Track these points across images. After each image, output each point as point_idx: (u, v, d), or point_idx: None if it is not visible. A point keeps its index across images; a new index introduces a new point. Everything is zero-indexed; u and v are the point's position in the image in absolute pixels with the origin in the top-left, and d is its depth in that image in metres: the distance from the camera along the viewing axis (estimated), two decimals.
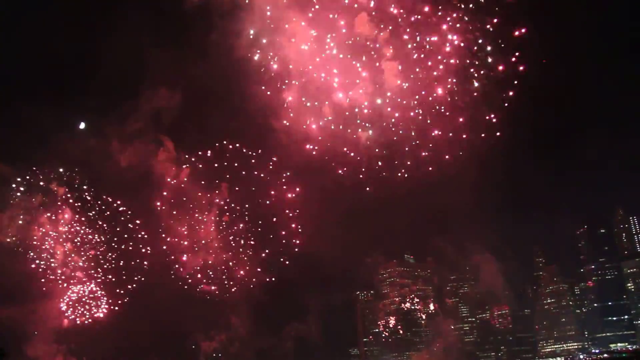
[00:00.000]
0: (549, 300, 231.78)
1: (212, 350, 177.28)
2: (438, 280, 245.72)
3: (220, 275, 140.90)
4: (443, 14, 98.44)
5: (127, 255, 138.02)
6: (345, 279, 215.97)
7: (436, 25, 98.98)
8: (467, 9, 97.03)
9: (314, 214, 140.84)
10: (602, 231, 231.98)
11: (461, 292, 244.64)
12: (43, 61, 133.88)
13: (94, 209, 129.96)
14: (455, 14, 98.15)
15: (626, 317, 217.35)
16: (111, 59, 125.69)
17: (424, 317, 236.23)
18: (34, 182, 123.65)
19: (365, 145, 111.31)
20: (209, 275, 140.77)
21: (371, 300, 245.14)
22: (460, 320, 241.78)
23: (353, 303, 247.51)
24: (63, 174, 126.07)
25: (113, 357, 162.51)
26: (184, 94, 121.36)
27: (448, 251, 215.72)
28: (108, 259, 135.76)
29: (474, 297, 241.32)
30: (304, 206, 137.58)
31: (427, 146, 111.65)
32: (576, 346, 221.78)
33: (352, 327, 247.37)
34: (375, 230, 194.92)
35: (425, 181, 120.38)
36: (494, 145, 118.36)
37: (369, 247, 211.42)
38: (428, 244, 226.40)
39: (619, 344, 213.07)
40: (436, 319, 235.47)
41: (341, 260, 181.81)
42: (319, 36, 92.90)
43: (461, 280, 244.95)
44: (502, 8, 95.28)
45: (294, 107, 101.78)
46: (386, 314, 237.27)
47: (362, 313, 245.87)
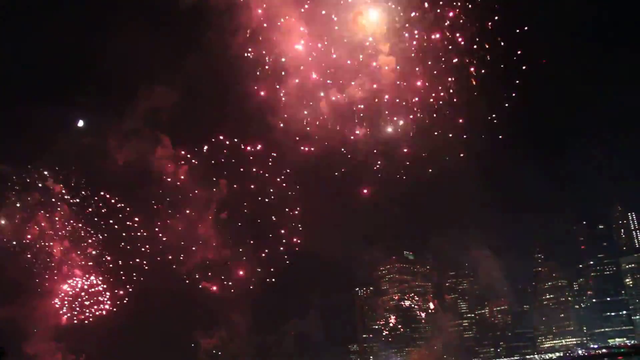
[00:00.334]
0: (547, 296, 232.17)
1: (212, 347, 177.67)
2: (437, 276, 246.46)
3: (219, 273, 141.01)
4: (441, 11, 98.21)
5: (125, 253, 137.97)
6: (345, 275, 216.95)
7: (435, 22, 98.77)
8: (466, 7, 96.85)
9: (313, 211, 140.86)
10: (601, 227, 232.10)
11: (460, 288, 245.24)
12: (40, 60, 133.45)
13: (91, 207, 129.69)
14: (453, 12, 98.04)
15: (624, 312, 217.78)
16: (108, 57, 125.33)
17: (423, 313, 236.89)
18: (30, 180, 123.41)
19: (363, 142, 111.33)
20: (208, 273, 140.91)
21: (371, 296, 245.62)
22: (460, 316, 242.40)
23: (352, 300, 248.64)
24: (60, 171, 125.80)
25: (112, 355, 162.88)
26: (180, 91, 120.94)
27: (447, 248, 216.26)
28: (106, 257, 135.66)
29: (473, 293, 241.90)
30: (303, 203, 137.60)
31: (426, 144, 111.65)
32: (575, 341, 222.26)
33: (352, 324, 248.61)
34: (374, 228, 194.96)
35: (424, 178, 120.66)
36: (493, 143, 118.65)
37: (368, 244, 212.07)
38: (427, 241, 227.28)
39: (617, 339, 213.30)
40: (435, 315, 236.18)
41: (341, 257, 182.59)
42: (314, 33, 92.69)
43: (460, 276, 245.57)
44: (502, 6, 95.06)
45: (290, 104, 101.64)
46: (385, 310, 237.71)
47: (362, 309, 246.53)
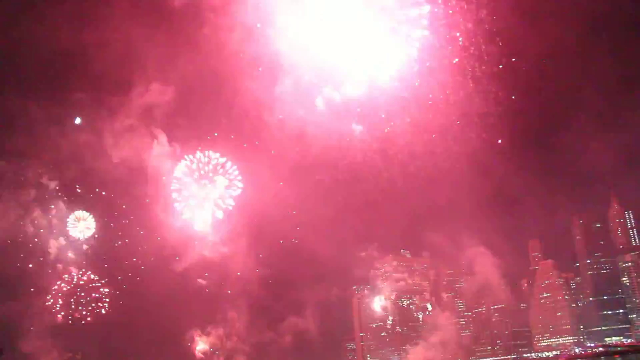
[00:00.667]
0: (544, 295, 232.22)
1: (209, 345, 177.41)
2: (434, 274, 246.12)
3: (216, 271, 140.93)
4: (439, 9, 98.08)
5: (121, 250, 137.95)
6: (342, 274, 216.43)
7: (432, 19, 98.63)
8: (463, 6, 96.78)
9: (309, 209, 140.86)
10: (598, 226, 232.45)
11: (457, 287, 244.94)
12: (35, 57, 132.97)
13: (86, 204, 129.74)
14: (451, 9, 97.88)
15: (621, 311, 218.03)
16: (103, 53, 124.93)
17: (420, 311, 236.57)
18: (26, 177, 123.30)
19: (360, 139, 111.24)
20: (205, 270, 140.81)
21: (368, 294, 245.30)
22: (457, 314, 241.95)
23: (350, 298, 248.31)
24: (56, 168, 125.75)
25: (108, 352, 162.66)
26: (176, 88, 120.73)
27: (444, 246, 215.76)
28: (102, 254, 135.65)
29: (471, 292, 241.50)
30: (299, 201, 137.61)
31: (422, 140, 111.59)
32: (572, 340, 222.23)
33: (349, 322, 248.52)
34: (371, 225, 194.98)
35: (420, 176, 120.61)
36: (489, 140, 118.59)
37: (365, 242, 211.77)
38: (424, 239, 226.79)
39: (614, 337, 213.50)
40: (432, 313, 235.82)
41: (337, 255, 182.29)
42: (311, 29, 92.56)
43: (457, 274, 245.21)
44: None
45: (287, 101, 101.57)
46: (383, 308, 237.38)
47: (359, 308, 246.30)
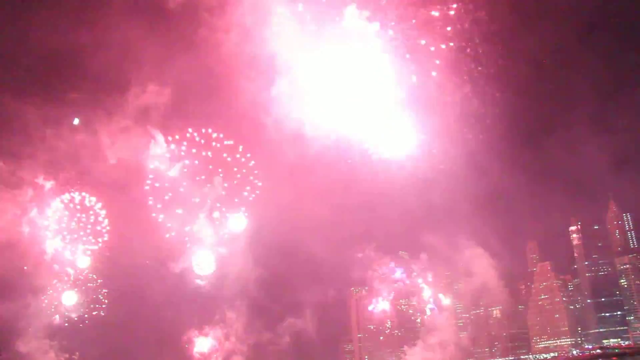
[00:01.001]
0: (542, 297, 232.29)
1: (207, 345, 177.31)
2: (432, 276, 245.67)
3: (214, 271, 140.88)
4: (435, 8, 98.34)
5: (118, 250, 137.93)
6: (340, 275, 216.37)
7: (428, 19, 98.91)
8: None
9: (307, 210, 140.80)
10: (596, 227, 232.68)
11: (455, 288, 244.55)
12: (32, 56, 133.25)
13: (83, 204, 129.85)
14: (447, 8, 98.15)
15: (619, 313, 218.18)
16: (99, 53, 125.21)
17: (418, 312, 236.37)
18: (22, 177, 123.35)
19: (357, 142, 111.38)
20: (203, 271, 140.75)
21: (365, 296, 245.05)
22: (455, 315, 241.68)
23: (347, 299, 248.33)
24: (52, 168, 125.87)
25: (105, 353, 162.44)
26: (173, 88, 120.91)
27: (442, 247, 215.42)
28: (99, 254, 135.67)
29: (468, 293, 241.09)
30: (296, 201, 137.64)
31: (419, 141, 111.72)
32: (569, 342, 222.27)
33: (347, 323, 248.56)
34: (369, 227, 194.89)
35: (418, 177, 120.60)
36: (486, 141, 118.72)
37: (363, 243, 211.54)
38: (422, 240, 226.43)
39: (612, 339, 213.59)
40: (430, 314, 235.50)
41: (335, 257, 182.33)
42: (308, 30, 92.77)
43: (455, 276, 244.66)
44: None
45: (283, 102, 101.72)
46: (380, 309, 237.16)
47: (357, 309, 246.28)
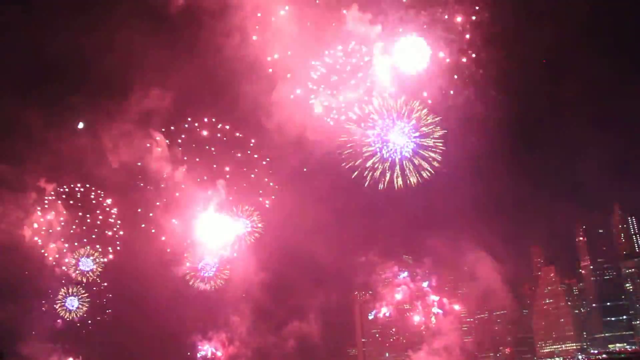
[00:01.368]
0: (547, 301, 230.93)
1: (211, 349, 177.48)
2: (436, 280, 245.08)
3: (217, 274, 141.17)
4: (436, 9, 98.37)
5: (121, 254, 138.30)
6: (343, 279, 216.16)
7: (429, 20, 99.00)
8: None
9: (311, 214, 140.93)
10: (601, 231, 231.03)
11: (459, 293, 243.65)
12: (34, 59, 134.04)
13: (86, 208, 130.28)
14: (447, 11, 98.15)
15: (625, 317, 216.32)
16: (102, 57, 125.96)
17: (422, 317, 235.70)
18: (25, 180, 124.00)
19: (359, 145, 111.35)
20: (206, 274, 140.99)
21: (369, 300, 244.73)
22: (459, 320, 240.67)
23: (351, 303, 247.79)
24: (55, 172, 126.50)
25: (108, 356, 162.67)
26: (175, 92, 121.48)
27: (446, 252, 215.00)
28: (102, 257, 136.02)
29: (473, 298, 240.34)
30: (300, 205, 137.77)
31: (423, 145, 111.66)
32: (575, 347, 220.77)
33: (351, 328, 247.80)
34: (372, 231, 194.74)
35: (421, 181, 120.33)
36: (489, 144, 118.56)
37: (366, 247, 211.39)
38: (426, 245, 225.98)
39: (617, 344, 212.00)
40: (434, 318, 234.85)
41: (339, 261, 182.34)
42: (309, 33, 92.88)
43: (459, 280, 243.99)
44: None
45: (285, 106, 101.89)
46: (384, 314, 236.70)
47: (361, 313, 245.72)
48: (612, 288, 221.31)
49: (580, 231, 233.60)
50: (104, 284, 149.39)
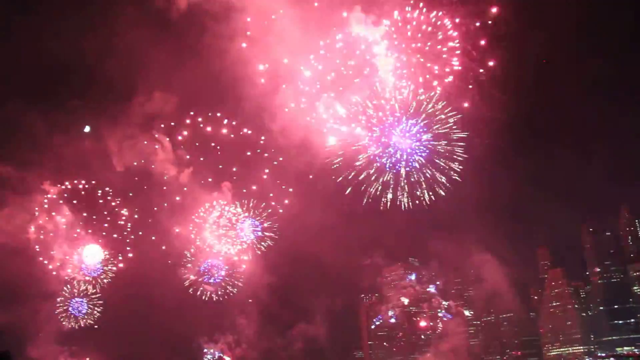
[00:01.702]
0: (554, 304, 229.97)
1: (218, 352, 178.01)
2: (443, 283, 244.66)
3: (224, 277, 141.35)
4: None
5: (128, 257, 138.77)
6: (350, 282, 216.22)
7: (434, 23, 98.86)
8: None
9: (317, 217, 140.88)
10: (608, 234, 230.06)
11: (466, 295, 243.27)
12: (38, 62, 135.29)
13: (91, 211, 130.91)
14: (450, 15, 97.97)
15: (632, 320, 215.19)
16: (106, 60, 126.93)
17: (429, 319, 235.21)
18: (30, 183, 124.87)
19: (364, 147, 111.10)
20: (213, 277, 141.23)
21: (376, 303, 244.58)
22: (466, 322, 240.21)
23: (358, 306, 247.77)
24: (60, 175, 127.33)
25: (115, 359, 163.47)
26: (179, 96, 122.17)
27: (452, 254, 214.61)
28: (108, 260, 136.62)
29: (479, 300, 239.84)
30: (306, 209, 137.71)
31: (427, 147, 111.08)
32: (582, 350, 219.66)
33: (357, 330, 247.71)
34: (378, 233, 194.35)
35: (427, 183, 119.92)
36: (496, 146, 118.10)
37: (372, 250, 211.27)
38: (432, 247, 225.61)
39: (625, 347, 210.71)
40: (441, 321, 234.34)
41: (345, 264, 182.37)
42: (312, 35, 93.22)
43: (466, 283, 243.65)
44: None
45: (289, 109, 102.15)
46: (391, 317, 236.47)
47: (367, 316, 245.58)
48: (619, 291, 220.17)
49: (587, 234, 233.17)
50: (110, 285, 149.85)
